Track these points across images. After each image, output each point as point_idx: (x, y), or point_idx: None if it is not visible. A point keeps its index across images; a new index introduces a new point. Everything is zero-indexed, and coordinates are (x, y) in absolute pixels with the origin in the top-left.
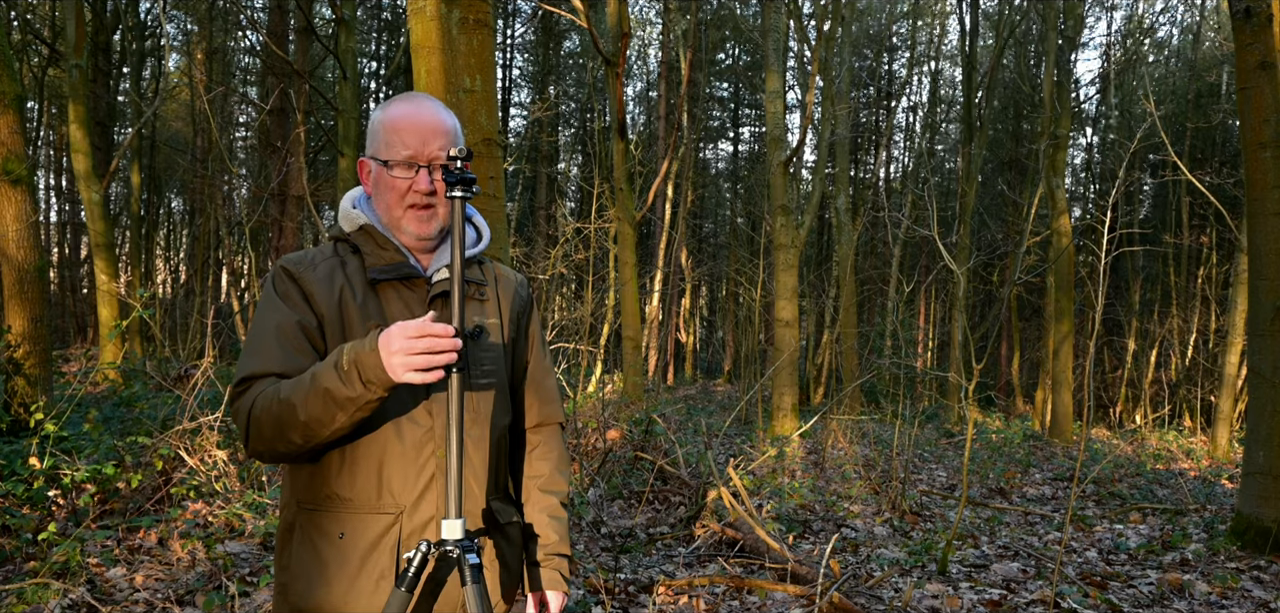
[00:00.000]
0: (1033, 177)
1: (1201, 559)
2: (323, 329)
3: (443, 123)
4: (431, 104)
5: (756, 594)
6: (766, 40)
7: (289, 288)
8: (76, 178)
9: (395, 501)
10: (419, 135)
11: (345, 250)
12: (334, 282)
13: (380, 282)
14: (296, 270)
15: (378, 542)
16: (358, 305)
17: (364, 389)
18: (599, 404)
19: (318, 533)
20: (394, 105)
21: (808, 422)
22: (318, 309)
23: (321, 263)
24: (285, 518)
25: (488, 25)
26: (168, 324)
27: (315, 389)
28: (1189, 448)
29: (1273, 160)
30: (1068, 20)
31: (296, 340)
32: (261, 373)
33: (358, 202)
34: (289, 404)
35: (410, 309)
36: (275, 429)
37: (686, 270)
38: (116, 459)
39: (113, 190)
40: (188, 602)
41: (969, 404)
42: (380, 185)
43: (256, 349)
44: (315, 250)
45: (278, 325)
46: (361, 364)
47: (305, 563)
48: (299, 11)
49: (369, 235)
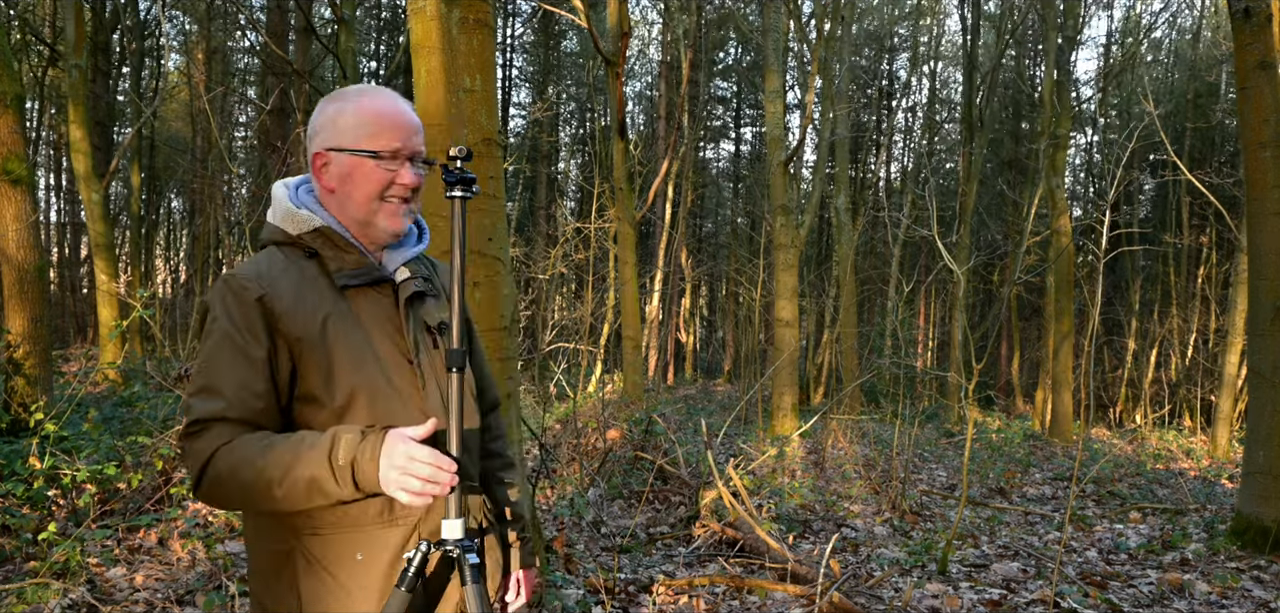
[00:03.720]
0: (1033, 177)
1: (1201, 559)
2: (295, 354)
3: (416, 117)
4: (399, 96)
5: (756, 594)
6: (766, 40)
7: (252, 316)
8: (76, 178)
9: (408, 512)
10: (404, 128)
11: (295, 255)
12: (305, 299)
13: (350, 288)
14: (259, 290)
15: (399, 554)
16: (338, 318)
17: (355, 492)
18: (599, 404)
19: (330, 558)
20: (362, 96)
21: (808, 422)
22: (289, 333)
23: (281, 276)
24: (277, 545)
25: (488, 25)
26: (168, 324)
27: (299, 476)
28: (1189, 448)
29: (1273, 160)
30: (1067, 20)
31: (262, 385)
32: (227, 418)
33: (299, 200)
34: (264, 481)
35: (385, 313)
36: (242, 497)
37: (686, 270)
38: (117, 459)
39: (113, 190)
40: (188, 602)
41: (969, 404)
42: (353, 178)
43: (216, 390)
44: (263, 259)
45: (242, 365)
46: (359, 470)
47: (318, 592)
48: (299, 11)
49: (326, 237)
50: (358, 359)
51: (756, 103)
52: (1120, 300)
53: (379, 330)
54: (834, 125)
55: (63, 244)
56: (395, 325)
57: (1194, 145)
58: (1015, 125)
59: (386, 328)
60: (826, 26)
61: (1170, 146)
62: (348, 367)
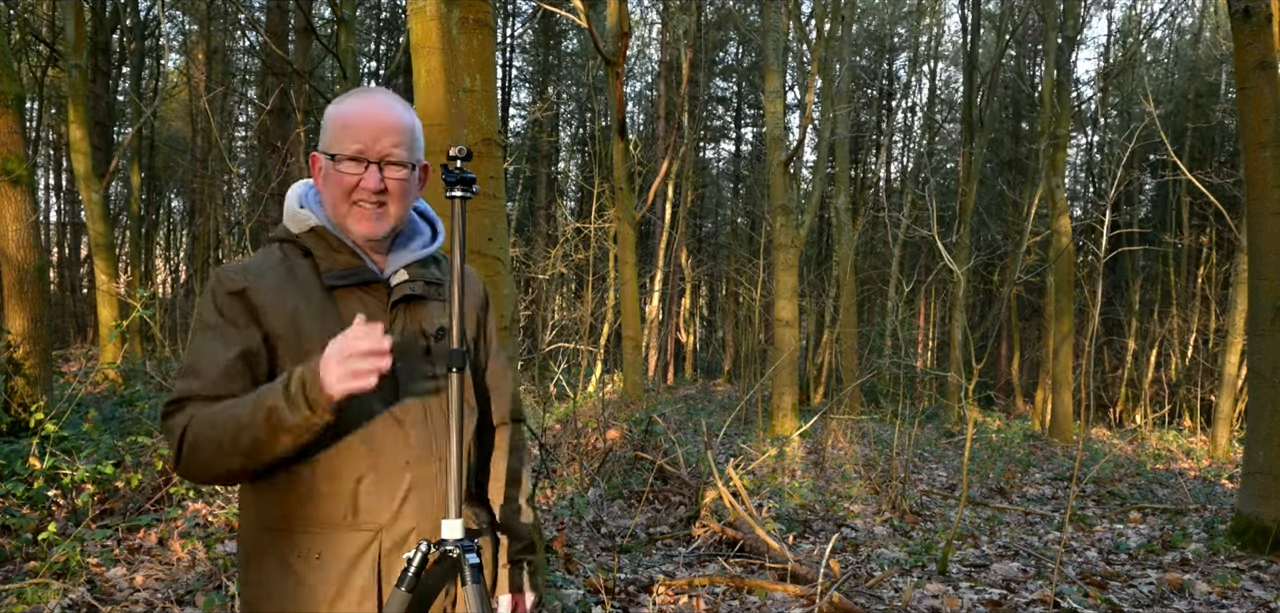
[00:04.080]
0: (1033, 176)
1: (1201, 559)
2: (273, 349)
3: (396, 119)
4: (387, 98)
5: (756, 594)
6: (766, 40)
7: (235, 308)
8: (76, 178)
9: (373, 517)
10: (370, 130)
11: (293, 253)
12: (285, 295)
13: (337, 288)
14: (242, 284)
15: (357, 560)
16: (316, 316)
17: (309, 413)
18: (599, 404)
19: (293, 554)
20: (348, 98)
21: (808, 422)
22: (268, 327)
23: (269, 272)
24: (250, 537)
25: (488, 25)
26: (168, 324)
27: (260, 410)
28: (1189, 448)
29: (1273, 160)
30: (1067, 20)
31: (238, 369)
32: (202, 396)
33: (306, 199)
34: (231, 427)
35: (371, 316)
36: (214, 452)
37: (686, 270)
38: (116, 459)
39: (113, 190)
40: (188, 602)
41: (969, 404)
42: (328, 181)
43: (196, 371)
44: (259, 257)
45: (220, 351)
46: (307, 387)
47: (280, 585)
48: (299, 11)
49: (320, 237)
50: None
51: (756, 103)
52: (1120, 300)
53: None
54: (834, 125)
55: (63, 244)
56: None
57: (1194, 145)
58: (1015, 125)
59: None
60: (826, 26)
61: (1170, 146)
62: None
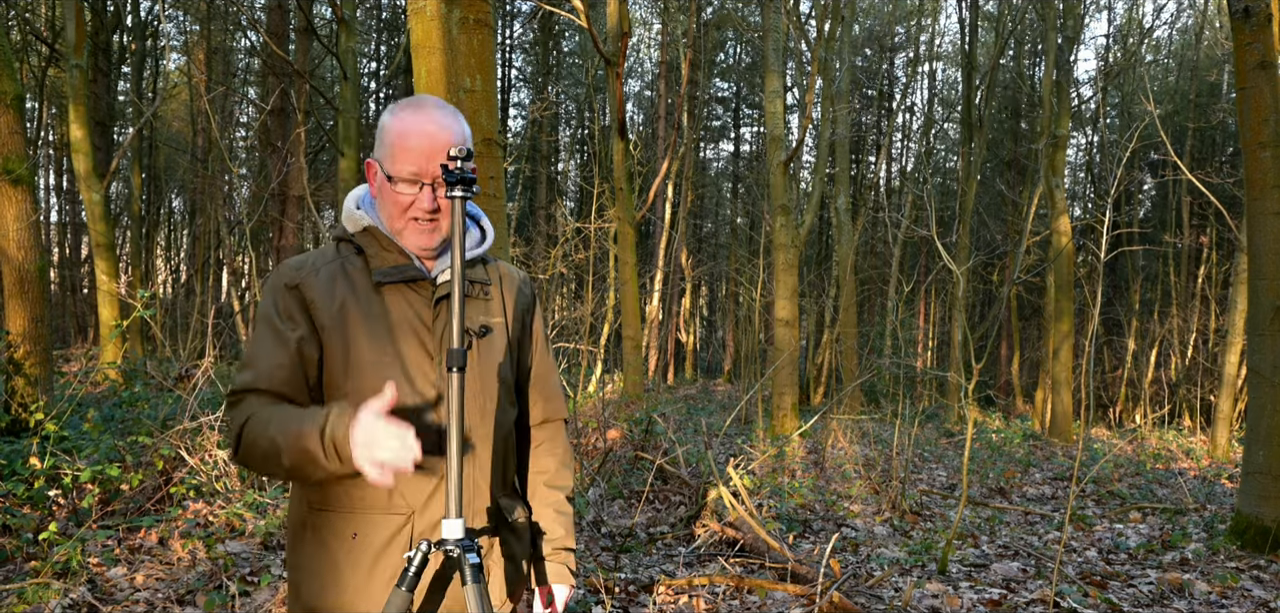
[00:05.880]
0: (1032, 176)
1: (1201, 559)
2: (323, 340)
3: (450, 137)
4: (440, 113)
5: (757, 594)
6: (766, 40)
7: (290, 303)
8: (77, 178)
9: (407, 501)
10: (424, 152)
11: (348, 252)
12: (335, 289)
13: (384, 284)
14: (297, 279)
15: (390, 542)
16: (361, 310)
17: (340, 466)
18: (599, 404)
19: (330, 533)
20: (403, 112)
21: (808, 421)
22: (318, 319)
23: (324, 267)
24: (296, 516)
25: (488, 25)
26: (168, 324)
27: (299, 447)
28: (1189, 448)
29: (1272, 160)
30: (1067, 20)
31: (294, 362)
32: (259, 389)
33: (362, 201)
34: (276, 448)
35: (415, 311)
36: (263, 462)
37: (686, 270)
38: (117, 459)
39: (113, 190)
40: (188, 602)
41: (969, 404)
42: (384, 194)
43: (255, 363)
44: (318, 253)
45: (276, 345)
46: (340, 445)
47: (318, 562)
48: (299, 11)
49: (373, 237)
50: (377, 352)
51: (756, 103)
52: (1120, 300)
53: (406, 328)
54: (834, 125)
55: (63, 244)
56: (424, 324)
57: (1194, 145)
58: (1015, 125)
59: (415, 325)
60: (826, 26)
61: (1171, 146)
62: (365, 358)
